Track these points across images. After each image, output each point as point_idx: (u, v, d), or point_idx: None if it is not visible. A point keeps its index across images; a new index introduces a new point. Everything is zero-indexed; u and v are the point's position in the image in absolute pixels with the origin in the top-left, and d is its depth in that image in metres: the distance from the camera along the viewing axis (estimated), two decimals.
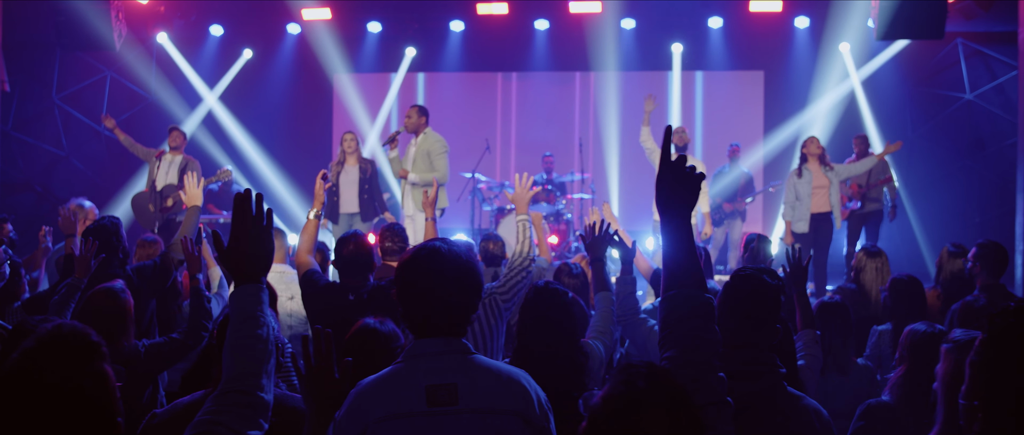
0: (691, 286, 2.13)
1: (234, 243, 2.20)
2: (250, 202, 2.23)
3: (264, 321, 2.16)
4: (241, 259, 2.19)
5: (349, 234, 4.56)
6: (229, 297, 2.23)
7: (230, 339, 2.13)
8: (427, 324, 2.48)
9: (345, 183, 9.20)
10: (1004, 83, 12.08)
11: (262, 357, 2.13)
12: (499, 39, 13.38)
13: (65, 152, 13.41)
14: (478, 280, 2.54)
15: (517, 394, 2.44)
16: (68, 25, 11.08)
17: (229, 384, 2.09)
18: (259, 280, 2.21)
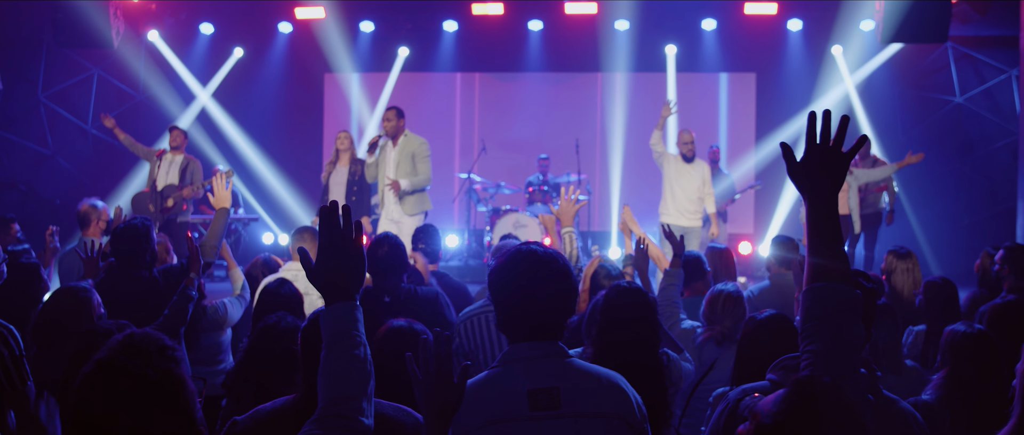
0: (839, 279, 2.10)
1: (323, 260, 2.11)
2: (336, 215, 2.13)
3: (361, 341, 2.08)
4: (333, 276, 2.10)
5: (382, 236, 4.50)
6: (322, 317, 2.12)
7: (326, 361, 2.05)
8: (525, 328, 2.44)
9: (334, 183, 9.08)
10: (993, 87, 12.25)
11: (362, 380, 2.05)
12: (493, 39, 13.34)
13: (50, 151, 13.23)
14: (575, 283, 2.52)
15: (618, 397, 2.42)
16: (65, 23, 10.92)
17: (328, 409, 2.01)
18: (353, 298, 2.11)
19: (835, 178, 2.15)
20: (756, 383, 2.67)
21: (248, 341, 3.53)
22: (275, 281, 4.46)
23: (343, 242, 2.12)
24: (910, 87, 12.61)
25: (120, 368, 1.72)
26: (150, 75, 13.33)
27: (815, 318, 2.08)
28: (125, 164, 13.36)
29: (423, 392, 2.14)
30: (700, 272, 5.27)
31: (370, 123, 13.44)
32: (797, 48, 12.93)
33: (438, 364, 2.12)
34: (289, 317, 3.63)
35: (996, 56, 12.12)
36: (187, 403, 1.77)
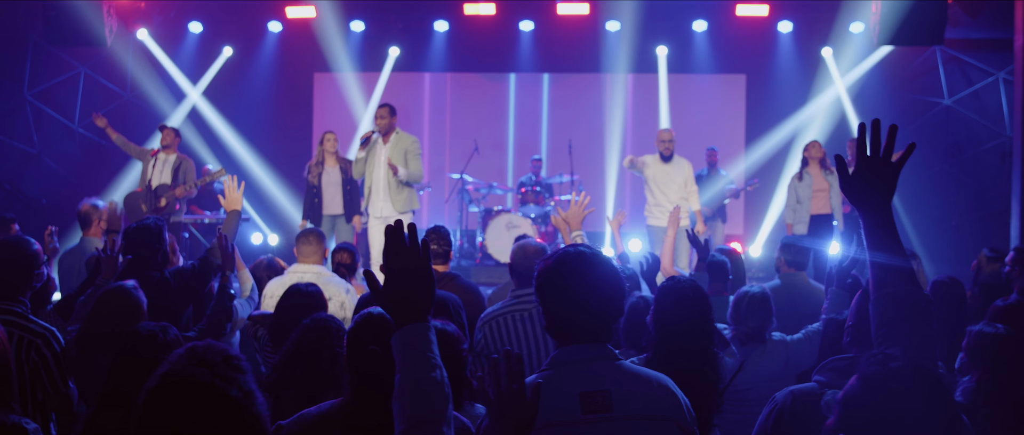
0: (905, 283, 2.12)
1: (393, 280, 2.06)
2: (403, 234, 2.08)
3: (437, 363, 2.02)
4: (404, 297, 2.04)
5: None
6: (395, 340, 2.05)
7: (403, 385, 2.00)
8: (575, 331, 2.43)
9: (327, 184, 9.04)
10: (980, 89, 12.37)
11: (441, 403, 2.00)
12: (484, 40, 13.32)
13: (36, 150, 13.07)
14: (624, 285, 2.51)
15: (669, 400, 2.42)
16: (58, 20, 10.80)
17: (409, 432, 1.96)
18: (425, 318, 2.06)
19: (887, 188, 2.20)
20: (804, 385, 2.68)
21: (290, 342, 3.51)
22: (303, 283, 4.43)
23: (412, 261, 2.07)
24: (898, 89, 12.70)
25: (188, 382, 1.65)
26: (138, 74, 13.19)
27: (889, 323, 2.10)
28: (112, 163, 13.23)
29: (497, 410, 2.10)
30: (723, 275, 5.30)
31: (362, 122, 13.38)
32: (787, 50, 12.99)
33: (511, 382, 2.08)
34: (334, 318, 3.61)
35: (983, 59, 12.24)
36: (258, 414, 1.70)
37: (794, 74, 13.00)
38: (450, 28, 13.19)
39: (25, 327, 3.76)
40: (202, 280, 4.64)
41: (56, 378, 3.71)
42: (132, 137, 13.23)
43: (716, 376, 3.29)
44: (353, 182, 8.87)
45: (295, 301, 4.25)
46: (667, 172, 9.17)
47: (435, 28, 13.19)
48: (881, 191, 2.18)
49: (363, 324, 2.64)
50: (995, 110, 12.25)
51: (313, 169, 9.03)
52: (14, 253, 3.95)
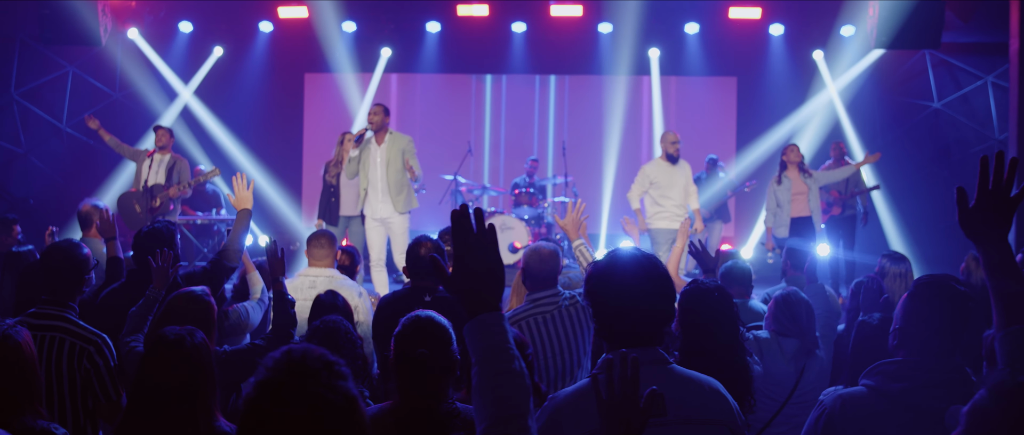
0: None
1: (463, 268, 1.98)
2: (469, 219, 2.00)
3: (515, 353, 1.95)
4: (475, 285, 1.97)
5: (422, 237, 4.47)
6: (468, 331, 1.98)
7: (483, 377, 1.92)
8: (627, 334, 2.42)
9: (345, 184, 8.97)
10: (969, 93, 12.47)
11: (525, 394, 1.93)
12: (476, 41, 13.30)
13: (23, 150, 12.91)
14: (674, 288, 2.50)
15: (721, 403, 2.42)
16: (52, 19, 10.66)
17: (494, 428, 1.90)
18: (498, 308, 1.99)
19: (1005, 223, 2.21)
20: (852, 388, 2.68)
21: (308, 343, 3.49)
22: (327, 293, 4.40)
23: (481, 248, 1.99)
24: (889, 92, 12.78)
25: (294, 391, 1.54)
26: (128, 74, 13.07)
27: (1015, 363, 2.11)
28: (101, 163, 13.12)
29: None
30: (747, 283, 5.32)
31: (355, 122, 13.32)
32: (779, 53, 13.04)
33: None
34: (343, 320, 3.60)
35: (972, 62, 12.35)
36: (362, 421, 1.62)
37: (785, 77, 13.06)
38: (442, 29, 13.16)
39: (77, 334, 3.72)
40: (215, 283, 4.59)
41: (107, 386, 3.67)
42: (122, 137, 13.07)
43: (747, 377, 3.30)
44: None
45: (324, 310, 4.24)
46: (671, 174, 9.19)
47: (427, 29, 13.16)
48: (1000, 225, 2.17)
49: (411, 327, 2.62)
50: (984, 113, 12.36)
51: (331, 169, 8.96)
52: (65, 257, 3.88)
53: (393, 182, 8.20)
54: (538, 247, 4.50)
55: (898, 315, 2.69)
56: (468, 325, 1.98)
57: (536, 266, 4.39)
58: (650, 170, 9.25)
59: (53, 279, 3.88)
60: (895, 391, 2.55)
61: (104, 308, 4.43)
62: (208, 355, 2.78)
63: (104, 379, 3.68)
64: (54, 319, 3.75)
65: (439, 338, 2.61)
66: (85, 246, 4.06)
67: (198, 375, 2.70)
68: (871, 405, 2.58)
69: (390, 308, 4.34)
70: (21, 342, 2.82)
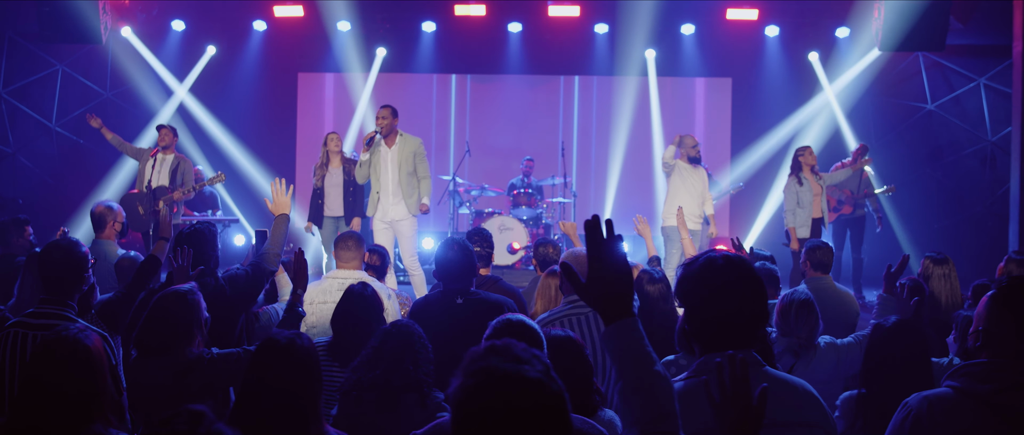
0: None
1: (597, 275, 1.99)
2: (599, 228, 2.02)
3: (655, 355, 1.99)
4: (611, 291, 1.99)
5: (451, 240, 4.44)
6: (606, 337, 2.00)
7: (629, 381, 1.93)
8: (723, 337, 2.41)
9: (330, 185, 8.91)
10: (961, 95, 12.60)
11: (670, 394, 1.96)
12: (472, 41, 13.27)
13: (11, 149, 12.73)
14: (766, 291, 2.50)
15: (816, 406, 2.41)
16: (52, 17, 10.49)
17: (649, 424, 1.91)
18: (633, 313, 2.01)
19: None
20: (938, 390, 2.69)
21: (371, 347, 3.47)
22: (358, 284, 4.36)
23: (612, 256, 2.01)
24: (883, 94, 12.87)
25: (514, 379, 1.55)
26: (119, 72, 12.92)
27: None
28: (91, 163, 12.97)
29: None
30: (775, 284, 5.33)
31: (353, 123, 13.26)
32: (774, 54, 13.10)
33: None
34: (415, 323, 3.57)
35: (964, 64, 12.47)
36: (568, 409, 1.62)
37: (780, 78, 13.12)
38: (438, 29, 13.11)
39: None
40: (256, 286, 4.55)
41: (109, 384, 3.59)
42: None
43: None
44: (356, 184, 8.76)
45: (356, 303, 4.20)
46: (694, 177, 9.24)
47: (423, 29, 13.10)
48: None
49: (504, 330, 2.60)
50: (976, 115, 12.48)
51: (318, 171, 8.90)
52: (64, 255, 3.84)
53: (405, 184, 8.18)
54: (577, 253, 4.53)
55: (980, 316, 2.70)
56: (607, 330, 2.00)
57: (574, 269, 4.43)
58: (678, 166, 9.27)
59: (52, 278, 3.84)
60: (984, 392, 2.56)
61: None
62: (316, 358, 2.76)
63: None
64: (53, 318, 3.70)
65: (533, 340, 2.61)
66: (83, 245, 4.02)
67: (307, 378, 2.68)
68: (959, 406, 2.59)
69: (425, 311, 4.32)
70: (91, 346, 2.77)
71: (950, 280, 5.50)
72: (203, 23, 13.03)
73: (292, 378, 2.69)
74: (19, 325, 3.72)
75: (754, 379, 2.36)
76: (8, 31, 12.50)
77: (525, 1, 12.63)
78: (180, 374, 3.43)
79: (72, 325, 2.88)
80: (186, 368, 3.46)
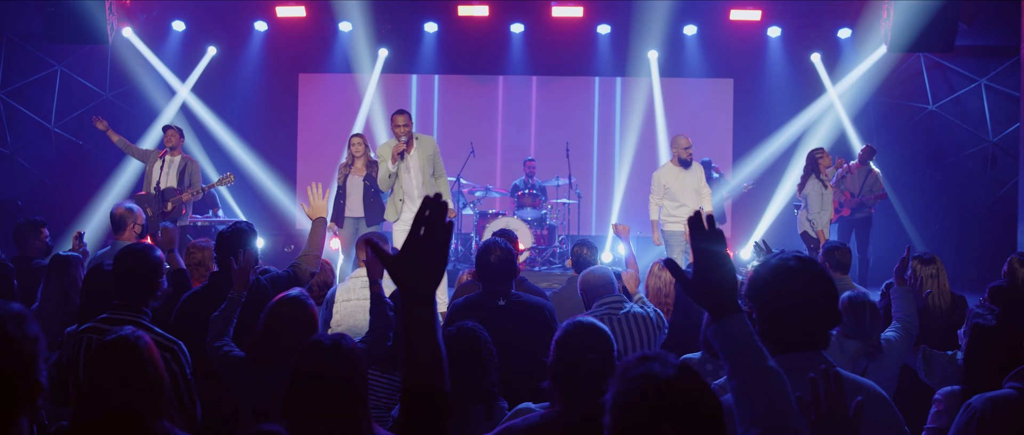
0: None
1: (702, 273, 2.01)
2: (702, 224, 2.04)
3: (766, 351, 2.00)
4: (718, 288, 2.01)
5: (492, 242, 4.43)
6: (714, 334, 2.01)
7: (741, 380, 1.95)
8: (795, 339, 2.41)
9: (352, 187, 8.89)
10: (962, 96, 12.66)
11: (785, 390, 1.97)
12: (474, 42, 13.25)
13: (9, 150, 12.63)
14: (836, 289, 2.50)
15: (888, 407, 2.42)
16: (58, 17, 10.39)
17: (769, 421, 1.91)
18: (740, 309, 2.02)
19: None
20: (1001, 392, 2.70)
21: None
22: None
23: (716, 251, 2.02)
24: (884, 95, 12.92)
25: (672, 383, 1.66)
26: (118, 73, 12.83)
27: None
28: (89, 164, 12.89)
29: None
30: None
31: (356, 123, 13.22)
32: (776, 54, 13.14)
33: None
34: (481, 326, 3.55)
35: (965, 65, 12.53)
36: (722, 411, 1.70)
37: (782, 79, 13.16)
38: (440, 30, 13.10)
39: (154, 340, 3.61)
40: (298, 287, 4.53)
41: (183, 393, 3.53)
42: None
43: None
44: (377, 188, 8.75)
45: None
46: (682, 179, 9.18)
47: (425, 29, 13.08)
48: None
49: (577, 333, 2.58)
50: (977, 116, 12.55)
51: (341, 171, 8.87)
52: (140, 260, 3.78)
53: (429, 188, 8.27)
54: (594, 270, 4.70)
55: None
56: (714, 328, 2.00)
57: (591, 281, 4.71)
58: (662, 176, 9.20)
59: (127, 283, 3.78)
60: None
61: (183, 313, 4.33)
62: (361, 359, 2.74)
63: (181, 386, 3.56)
64: (129, 325, 3.65)
65: (607, 342, 2.60)
66: (157, 250, 3.97)
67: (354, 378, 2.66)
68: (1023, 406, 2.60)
69: (466, 313, 4.29)
70: (146, 346, 2.75)
71: (938, 280, 5.49)
72: (203, 24, 12.98)
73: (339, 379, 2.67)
74: (92, 330, 3.67)
75: None
76: (7, 31, 12.41)
77: (528, 1, 12.62)
78: None
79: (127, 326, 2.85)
80: None
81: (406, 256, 1.76)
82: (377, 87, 13.40)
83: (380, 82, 13.42)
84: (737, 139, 13.62)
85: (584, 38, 13.11)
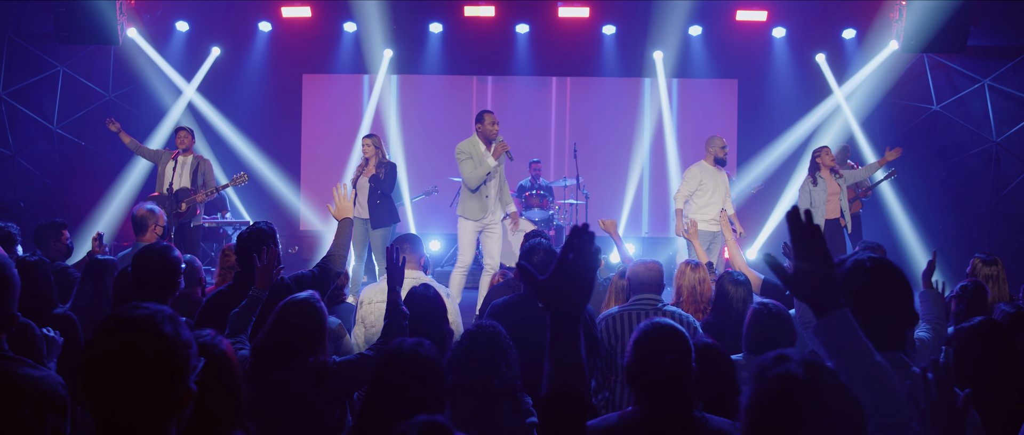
0: None
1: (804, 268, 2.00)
2: (800, 220, 2.02)
3: (871, 345, 1.99)
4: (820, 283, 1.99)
5: (535, 243, 4.43)
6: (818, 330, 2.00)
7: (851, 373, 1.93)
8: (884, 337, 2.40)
9: (359, 188, 8.87)
10: (965, 96, 12.71)
11: (894, 384, 1.95)
12: (479, 43, 13.23)
13: (11, 151, 12.54)
14: (912, 292, 2.51)
15: None
16: (68, 17, 10.32)
17: (883, 417, 1.91)
18: (844, 304, 2.00)
19: None
20: None
21: (460, 348, 3.45)
22: (420, 286, 4.33)
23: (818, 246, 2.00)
24: (888, 95, 12.95)
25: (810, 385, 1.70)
26: (121, 74, 12.76)
27: None
28: (92, 166, 12.84)
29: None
30: None
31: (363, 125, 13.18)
32: (780, 55, 13.16)
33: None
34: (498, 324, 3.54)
35: (968, 66, 12.57)
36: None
37: (786, 79, 13.18)
38: (445, 30, 13.08)
39: None
40: (323, 288, 4.50)
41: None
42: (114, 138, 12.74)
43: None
44: (384, 194, 8.70)
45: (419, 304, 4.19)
46: (717, 178, 9.24)
47: (430, 30, 13.07)
48: None
49: (656, 334, 2.58)
50: (981, 116, 12.60)
51: (357, 171, 8.86)
52: (159, 260, 3.77)
53: (504, 188, 8.47)
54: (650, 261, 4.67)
55: None
56: (820, 323, 1.99)
57: (643, 273, 4.70)
58: (698, 172, 9.22)
59: (146, 284, 3.77)
60: None
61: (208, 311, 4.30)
62: (440, 364, 2.73)
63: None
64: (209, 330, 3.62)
65: (685, 344, 2.59)
66: (175, 249, 3.96)
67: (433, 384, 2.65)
68: None
69: (507, 314, 4.28)
70: (227, 351, 2.71)
71: (999, 281, 5.54)
72: (207, 24, 12.92)
73: (419, 385, 2.67)
74: None
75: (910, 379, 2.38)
76: (8, 32, 12.32)
77: (535, 1, 12.62)
78: (314, 383, 3.40)
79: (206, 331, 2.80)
80: (318, 376, 3.42)
81: (554, 282, 1.85)
82: (382, 88, 13.36)
83: (385, 83, 13.38)
84: (742, 140, 13.64)
85: (589, 39, 13.11)
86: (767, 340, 4.02)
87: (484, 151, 8.30)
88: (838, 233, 9.67)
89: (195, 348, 1.76)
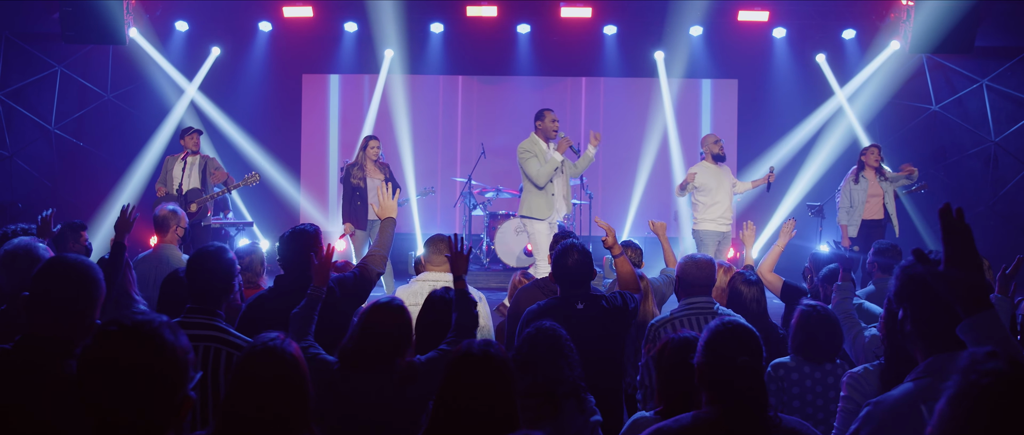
0: None
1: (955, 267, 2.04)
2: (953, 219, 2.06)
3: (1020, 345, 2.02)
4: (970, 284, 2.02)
5: (568, 245, 4.43)
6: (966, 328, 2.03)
7: None
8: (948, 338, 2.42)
9: (371, 189, 8.85)
10: (964, 96, 12.79)
11: None
12: (480, 43, 13.23)
13: (8, 152, 12.44)
14: None
15: None
16: (75, 17, 10.23)
17: None
18: (991, 305, 2.03)
19: None
20: None
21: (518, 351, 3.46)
22: (441, 289, 4.33)
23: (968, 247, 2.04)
24: (887, 95, 13.02)
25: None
26: (120, 74, 12.68)
27: None
28: (90, 166, 12.76)
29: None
30: None
31: (366, 125, 13.14)
32: (780, 55, 13.21)
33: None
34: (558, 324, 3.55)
35: (967, 66, 12.64)
36: None
37: (787, 80, 13.22)
38: (446, 30, 13.07)
39: (233, 343, 3.52)
40: (365, 290, 4.50)
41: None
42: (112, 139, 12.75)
43: None
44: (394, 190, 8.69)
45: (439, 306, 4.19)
46: (719, 176, 9.24)
47: (431, 30, 13.05)
48: None
49: (728, 334, 2.58)
50: (979, 116, 12.68)
51: (355, 172, 8.78)
52: (215, 262, 3.71)
53: (569, 187, 8.47)
54: (697, 257, 4.59)
55: None
56: (967, 322, 2.02)
57: (693, 273, 4.56)
58: (699, 175, 9.20)
59: (200, 285, 3.71)
60: None
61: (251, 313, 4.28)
62: (510, 366, 2.73)
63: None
64: (205, 328, 3.54)
65: (757, 343, 2.60)
66: (229, 250, 3.92)
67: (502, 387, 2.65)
68: None
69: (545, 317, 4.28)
70: (296, 354, 2.69)
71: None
72: (207, 24, 12.86)
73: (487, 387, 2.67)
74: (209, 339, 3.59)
75: None
76: (5, 31, 12.22)
77: (537, 2, 12.62)
78: (401, 384, 3.41)
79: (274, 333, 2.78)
80: (407, 377, 3.44)
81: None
82: (384, 87, 13.34)
83: (386, 83, 13.36)
84: (742, 140, 13.69)
85: (591, 39, 13.13)
86: (815, 341, 4.04)
87: (546, 148, 8.27)
88: (878, 235, 9.68)
89: (193, 355, 1.76)
